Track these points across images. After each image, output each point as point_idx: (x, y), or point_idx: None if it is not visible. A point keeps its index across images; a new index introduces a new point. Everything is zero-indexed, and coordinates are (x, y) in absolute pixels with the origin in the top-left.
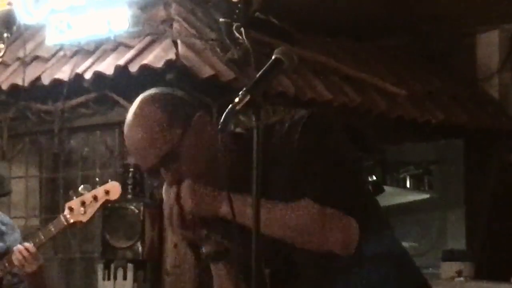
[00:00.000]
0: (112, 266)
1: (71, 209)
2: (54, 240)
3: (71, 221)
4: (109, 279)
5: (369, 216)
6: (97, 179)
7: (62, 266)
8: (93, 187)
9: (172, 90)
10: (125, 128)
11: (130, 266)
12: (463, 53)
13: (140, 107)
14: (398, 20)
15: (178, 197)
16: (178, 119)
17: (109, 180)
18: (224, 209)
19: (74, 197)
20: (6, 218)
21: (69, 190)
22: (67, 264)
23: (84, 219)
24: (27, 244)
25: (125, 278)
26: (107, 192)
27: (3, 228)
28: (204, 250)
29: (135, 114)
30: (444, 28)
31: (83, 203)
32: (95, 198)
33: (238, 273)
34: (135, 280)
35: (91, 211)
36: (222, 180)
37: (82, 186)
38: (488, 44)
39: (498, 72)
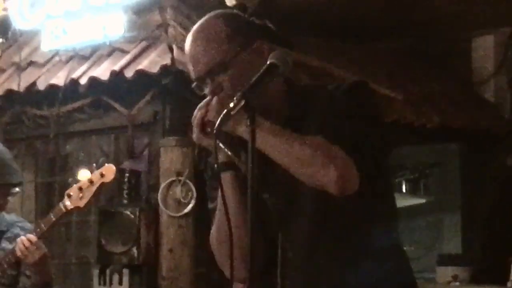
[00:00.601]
0: (108, 271)
1: (69, 196)
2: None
3: (70, 207)
4: (104, 284)
5: (382, 197)
6: (94, 164)
7: (58, 271)
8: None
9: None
10: (187, 36)
11: (125, 271)
12: (459, 57)
13: (206, 19)
14: (394, 23)
15: (207, 104)
16: (239, 36)
17: (105, 165)
18: (241, 129)
19: (74, 185)
20: (26, 224)
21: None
22: (63, 269)
23: (82, 204)
24: (29, 235)
25: (120, 283)
26: (102, 175)
27: (22, 233)
28: (219, 159)
29: (200, 24)
30: (440, 31)
31: (80, 189)
32: (91, 182)
33: (242, 185)
34: (130, 285)
35: (88, 195)
36: (257, 105)
37: (80, 172)
38: (484, 48)
39: (494, 76)
